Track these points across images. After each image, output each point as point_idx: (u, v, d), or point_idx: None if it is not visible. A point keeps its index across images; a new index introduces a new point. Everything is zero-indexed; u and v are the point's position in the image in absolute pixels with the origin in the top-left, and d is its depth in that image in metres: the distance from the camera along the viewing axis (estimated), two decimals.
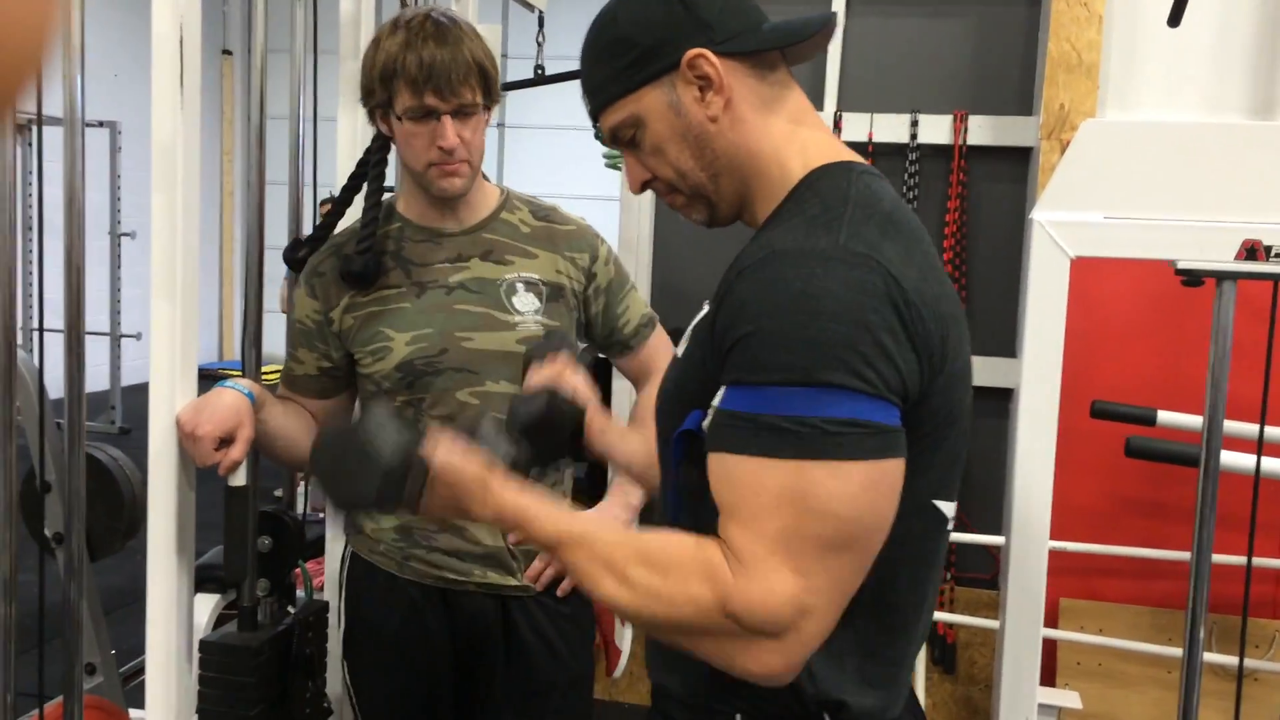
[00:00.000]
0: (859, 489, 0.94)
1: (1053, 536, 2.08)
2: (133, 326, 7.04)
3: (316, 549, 2.16)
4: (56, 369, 1.66)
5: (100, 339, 6.94)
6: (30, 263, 5.66)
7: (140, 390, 1.80)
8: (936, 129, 3.19)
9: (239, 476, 1.65)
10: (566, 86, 3.20)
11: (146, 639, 1.67)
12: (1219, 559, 1.94)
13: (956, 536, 3.06)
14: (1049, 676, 2.94)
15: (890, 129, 3.21)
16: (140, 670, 1.81)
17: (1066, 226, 1.94)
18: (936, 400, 1.01)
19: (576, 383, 1.40)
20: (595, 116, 1.16)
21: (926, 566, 1.10)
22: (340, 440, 1.15)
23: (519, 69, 3.32)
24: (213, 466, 1.60)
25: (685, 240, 3.37)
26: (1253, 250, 1.79)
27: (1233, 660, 2.35)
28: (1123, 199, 1.95)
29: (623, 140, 1.14)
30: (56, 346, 1.67)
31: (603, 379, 3.39)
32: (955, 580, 3.24)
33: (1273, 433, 2.18)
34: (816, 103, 3.26)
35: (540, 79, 3.19)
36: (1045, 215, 1.96)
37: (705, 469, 1.01)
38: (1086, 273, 2.11)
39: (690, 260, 3.37)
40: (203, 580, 1.89)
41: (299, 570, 1.85)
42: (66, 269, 1.64)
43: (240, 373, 1.78)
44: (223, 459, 1.59)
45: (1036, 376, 1.97)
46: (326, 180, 2.08)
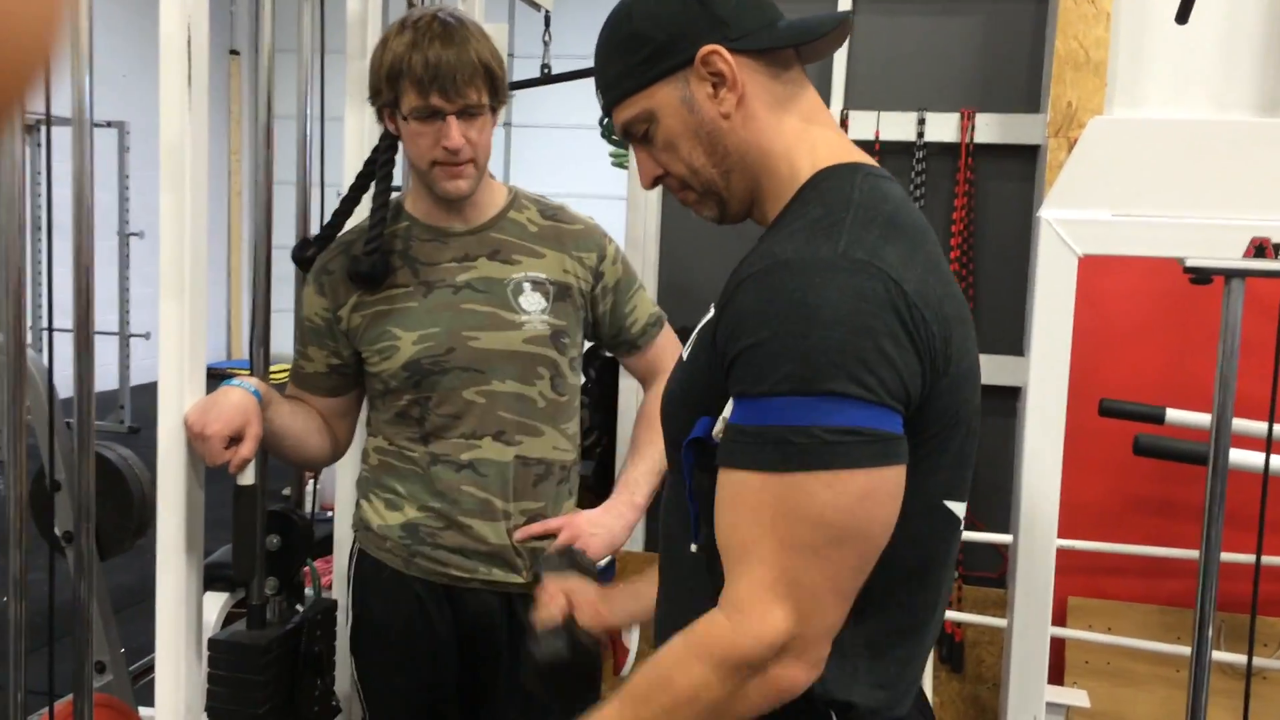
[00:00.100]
0: (855, 498, 0.95)
1: (1061, 535, 2.07)
2: (141, 326, 7.05)
3: (325, 547, 2.16)
4: (66, 368, 1.66)
5: (109, 338, 6.96)
6: (39, 263, 5.68)
7: (149, 389, 1.81)
8: (943, 127, 3.18)
9: (247, 475, 1.65)
10: (573, 85, 3.20)
11: (156, 637, 1.68)
12: (1227, 557, 1.93)
13: (964, 535, 3.04)
14: (1057, 675, 2.93)
15: (897, 127, 3.20)
16: (149, 668, 1.82)
17: (1074, 224, 1.94)
18: (943, 402, 1.01)
19: (590, 605, 1.34)
20: (608, 111, 1.16)
21: (939, 567, 1.10)
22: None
23: (525, 68, 3.32)
24: (222, 465, 1.61)
25: (692, 239, 3.36)
26: (1261, 248, 1.79)
27: (1242, 659, 2.34)
28: (1130, 196, 1.95)
29: (636, 136, 1.14)
30: (65, 346, 1.68)
31: (609, 378, 3.39)
32: (963, 578, 3.23)
33: None
34: (823, 100, 3.26)
35: (547, 78, 3.18)
36: (1053, 213, 1.95)
37: (715, 477, 1.02)
38: (1094, 271, 2.11)
39: (697, 259, 3.37)
40: (212, 579, 1.90)
41: (307, 569, 1.85)
42: (75, 269, 1.64)
43: (249, 372, 1.78)
44: (232, 457, 1.59)
45: (1044, 375, 1.97)
46: (334, 179, 2.08)
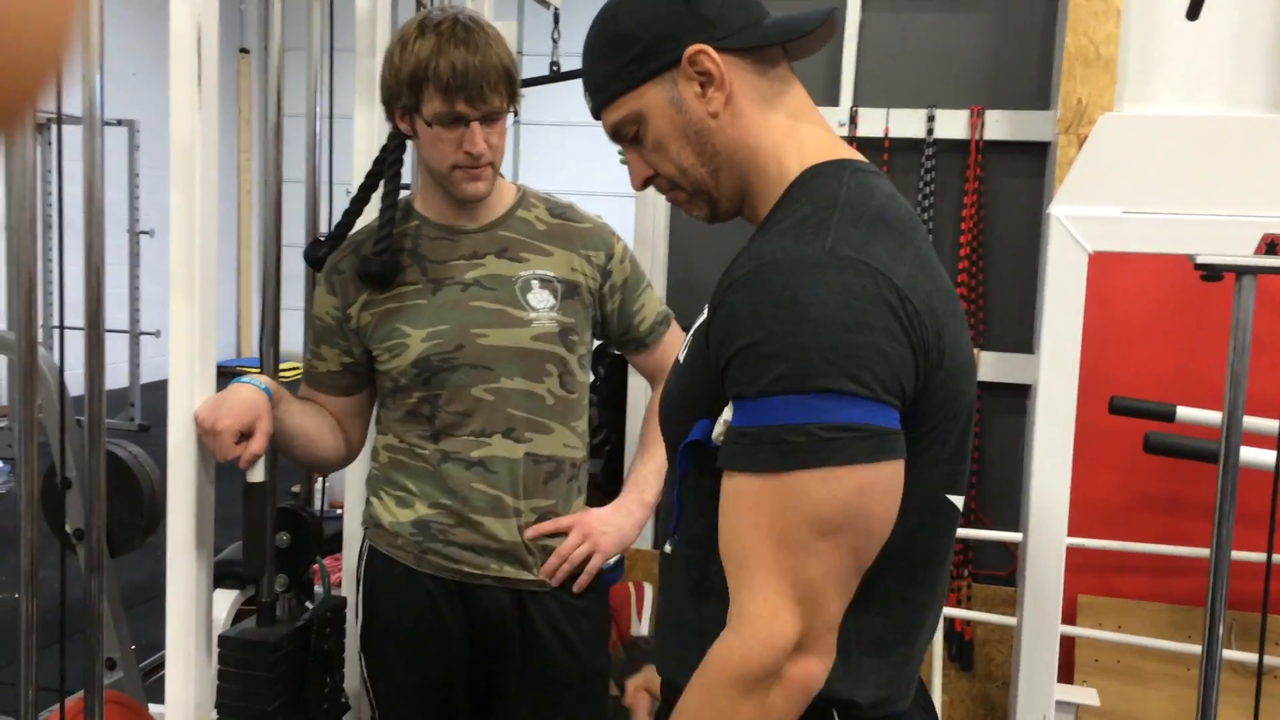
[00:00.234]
0: (852, 494, 0.95)
1: (1071, 533, 2.07)
2: (151, 324, 7.08)
3: (334, 545, 2.17)
4: (76, 366, 1.67)
5: (119, 336, 6.98)
6: (49, 261, 5.70)
7: (159, 387, 1.81)
8: (953, 124, 3.17)
9: (257, 473, 1.66)
10: (582, 83, 3.19)
11: (166, 634, 1.68)
12: (1238, 555, 1.93)
13: (974, 533, 3.04)
14: (1067, 673, 2.92)
15: (907, 124, 3.20)
16: (160, 665, 1.83)
17: (1084, 221, 1.93)
18: (939, 395, 1.01)
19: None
20: (597, 114, 1.16)
21: (939, 561, 1.10)
22: None
23: (534, 66, 3.32)
24: (232, 463, 1.61)
25: (700, 237, 3.36)
26: (1272, 244, 1.78)
27: (1252, 657, 2.33)
28: (1141, 193, 1.94)
29: (625, 137, 1.15)
30: (76, 344, 1.68)
31: (618, 376, 3.39)
32: (972, 577, 3.22)
33: None
34: (832, 98, 3.26)
35: (556, 75, 3.19)
36: (1063, 210, 1.95)
37: (712, 476, 1.02)
38: (1105, 268, 2.10)
39: (705, 257, 3.36)
40: (222, 576, 1.91)
41: (317, 566, 1.86)
42: (87, 267, 1.65)
43: (258, 369, 1.79)
44: (242, 452, 1.60)
45: (1054, 372, 1.96)
46: (343, 178, 2.09)
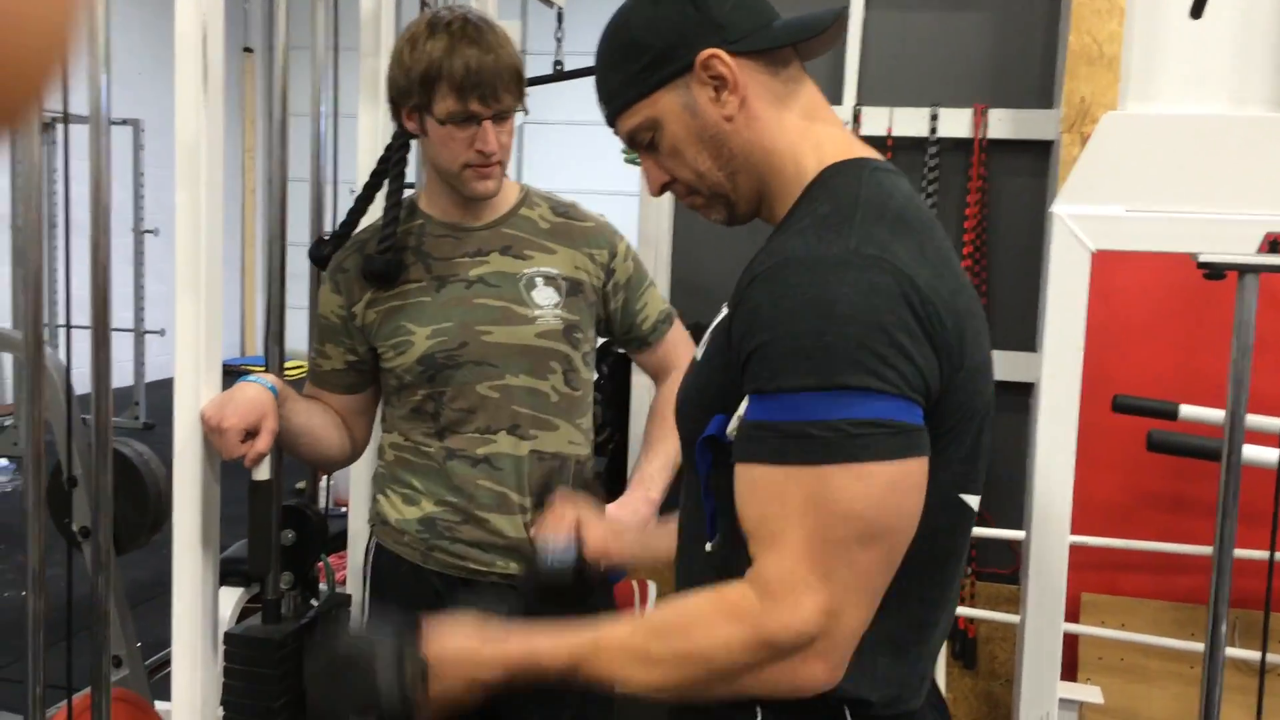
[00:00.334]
0: (884, 489, 0.95)
1: (1074, 531, 2.07)
2: (155, 323, 7.09)
3: (339, 543, 2.17)
4: (82, 365, 1.67)
5: (124, 335, 6.99)
6: (54, 260, 5.71)
7: (162, 386, 1.82)
8: (956, 122, 3.17)
9: (263, 471, 1.66)
10: (585, 82, 3.18)
11: (172, 631, 1.69)
12: (1241, 554, 1.93)
13: (978, 531, 3.03)
14: (1070, 671, 2.92)
15: (910, 123, 3.20)
16: (165, 663, 1.83)
17: (1087, 220, 1.93)
18: (957, 396, 1.01)
19: (597, 533, 1.38)
20: (611, 122, 1.16)
21: (955, 560, 1.10)
22: (346, 664, 1.15)
23: (537, 65, 3.33)
24: (237, 461, 1.62)
25: (704, 236, 3.37)
26: (1275, 243, 1.78)
27: (1255, 655, 2.33)
28: (1144, 192, 1.94)
29: (641, 144, 1.15)
30: (81, 343, 1.69)
31: (622, 374, 3.40)
32: (976, 575, 3.23)
33: None
34: (836, 97, 3.26)
35: (560, 74, 3.19)
36: (1066, 208, 1.95)
37: (733, 472, 1.02)
38: (1107, 266, 2.10)
39: (709, 256, 3.37)
40: (227, 574, 1.91)
41: (321, 564, 1.86)
42: (93, 267, 1.66)
43: (263, 368, 1.79)
44: (248, 451, 1.60)
45: (1057, 371, 1.96)
46: (348, 176, 2.09)
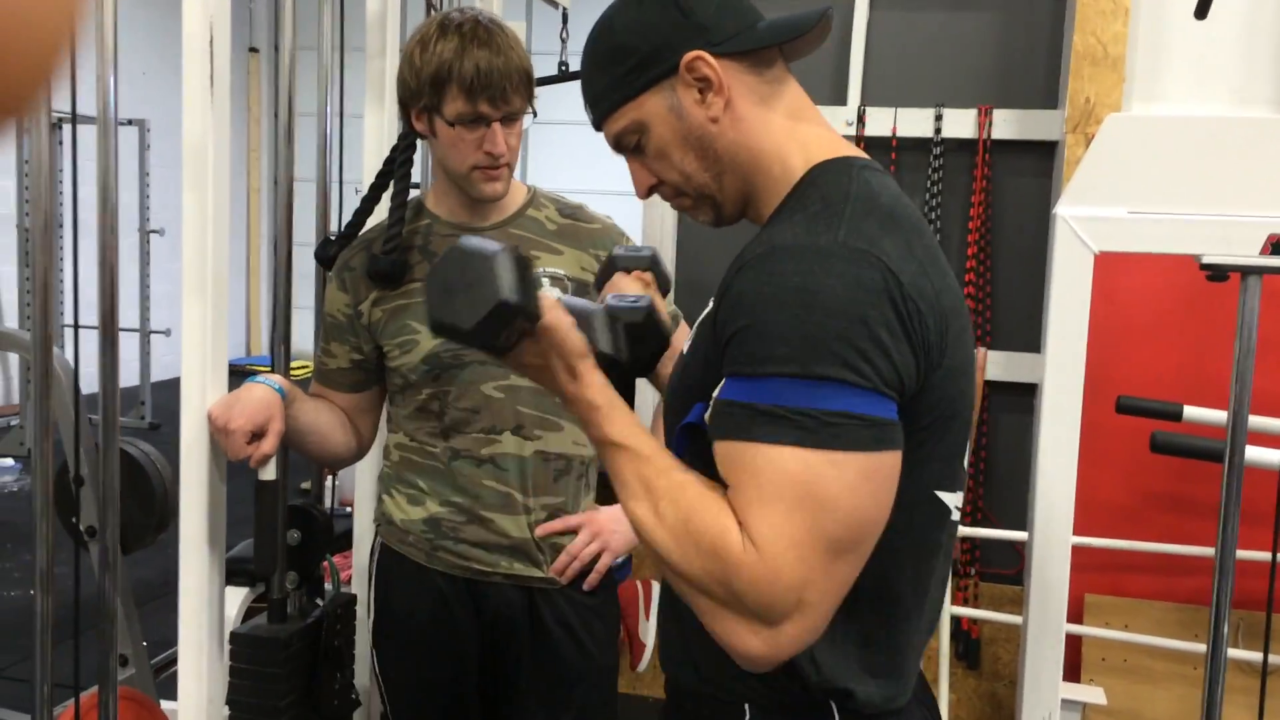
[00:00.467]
0: (857, 480, 0.95)
1: (1077, 532, 2.08)
2: (161, 323, 7.10)
3: (344, 543, 2.18)
4: (89, 365, 1.68)
5: (130, 335, 7.00)
6: (60, 260, 5.72)
7: (168, 385, 1.83)
8: (961, 123, 3.18)
9: (269, 471, 1.67)
10: (582, 96, 3.19)
11: (178, 631, 1.70)
12: (1244, 554, 1.93)
13: (981, 532, 3.05)
14: (1074, 672, 2.93)
15: (914, 123, 3.20)
16: (172, 662, 1.84)
17: (1091, 221, 1.94)
18: (936, 394, 1.02)
19: (661, 305, 1.33)
20: (598, 125, 1.17)
21: (929, 557, 1.11)
22: (466, 260, 1.06)
23: (542, 65, 3.34)
24: (243, 460, 1.63)
25: (708, 237, 3.37)
26: (1278, 245, 1.79)
27: (1258, 656, 2.34)
28: (1147, 193, 1.95)
29: (627, 147, 1.15)
30: (88, 343, 1.70)
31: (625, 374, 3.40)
32: (979, 575, 3.23)
33: None
34: (840, 98, 3.26)
35: (564, 75, 3.20)
36: (1069, 210, 1.95)
37: (709, 461, 1.02)
38: (1111, 267, 2.10)
39: (713, 256, 3.37)
40: (233, 573, 1.92)
41: (327, 563, 1.87)
42: (101, 267, 1.66)
43: (269, 368, 1.80)
44: (254, 452, 1.61)
45: (1060, 372, 1.97)
46: (353, 177, 2.10)
